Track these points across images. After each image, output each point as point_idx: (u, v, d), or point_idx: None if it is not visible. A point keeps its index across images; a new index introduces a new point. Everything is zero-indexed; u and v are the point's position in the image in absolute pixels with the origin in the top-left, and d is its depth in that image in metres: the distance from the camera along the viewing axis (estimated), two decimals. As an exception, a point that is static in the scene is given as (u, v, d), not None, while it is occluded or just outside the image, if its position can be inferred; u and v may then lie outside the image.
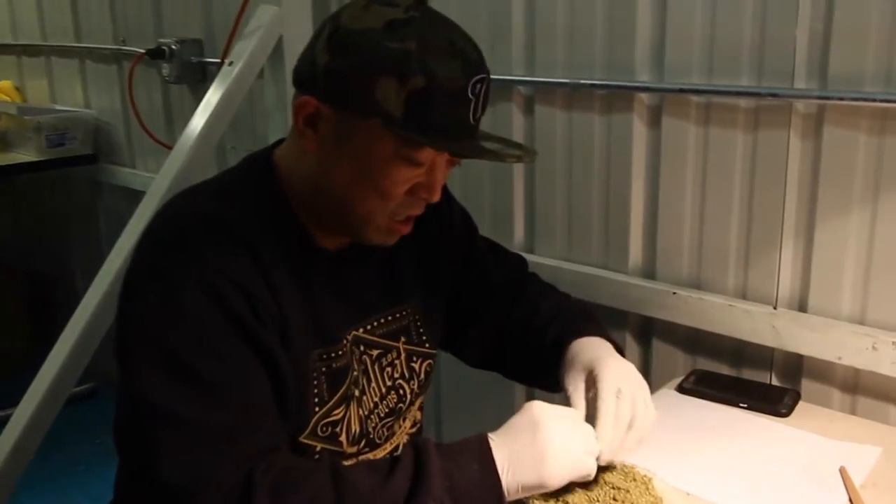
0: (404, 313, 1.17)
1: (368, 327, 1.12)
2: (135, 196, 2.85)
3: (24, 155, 2.87)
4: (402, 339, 1.16)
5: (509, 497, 0.93)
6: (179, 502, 0.88)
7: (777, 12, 1.34)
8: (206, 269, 0.93)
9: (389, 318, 1.15)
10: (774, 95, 1.34)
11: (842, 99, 1.28)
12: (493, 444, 0.94)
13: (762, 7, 1.35)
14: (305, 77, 1.00)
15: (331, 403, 1.05)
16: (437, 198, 1.02)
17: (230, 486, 0.87)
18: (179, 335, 0.92)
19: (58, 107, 3.04)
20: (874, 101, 1.26)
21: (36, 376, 1.87)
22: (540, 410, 0.97)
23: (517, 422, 0.97)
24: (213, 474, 0.87)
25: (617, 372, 1.03)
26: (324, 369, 1.04)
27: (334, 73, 0.96)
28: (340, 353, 1.07)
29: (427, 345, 1.20)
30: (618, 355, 1.09)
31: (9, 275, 3.50)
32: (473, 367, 1.33)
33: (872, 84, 1.27)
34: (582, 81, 1.58)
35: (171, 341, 0.91)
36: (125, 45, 2.67)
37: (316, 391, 1.03)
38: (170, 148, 2.40)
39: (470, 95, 0.96)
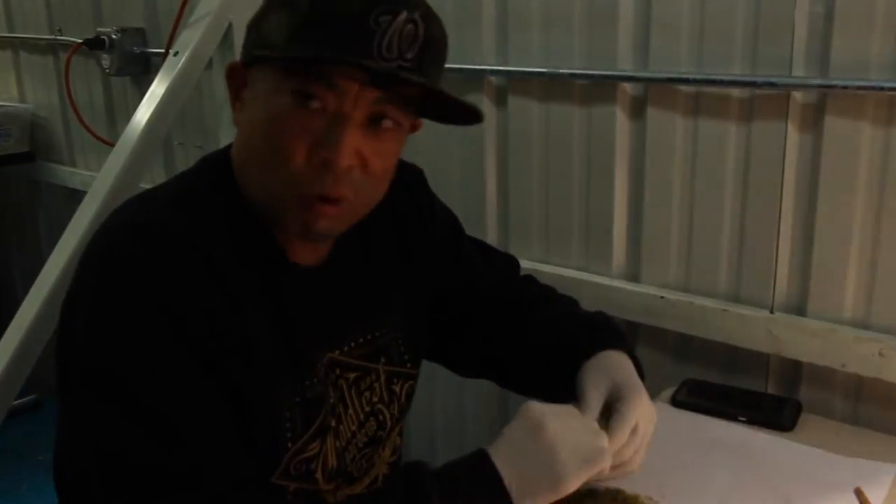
0: (384, 331, 1.05)
1: (346, 349, 1.00)
2: (75, 196, 2.70)
3: (-48, 154, 2.68)
4: (383, 359, 1.05)
5: None
6: None
7: (773, -6, 1.24)
8: (160, 289, 0.81)
9: (369, 337, 1.03)
10: (772, 84, 1.25)
11: (845, 87, 1.19)
12: (495, 460, 0.84)
13: (757, -11, 1.26)
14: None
15: (305, 437, 0.93)
16: (341, 159, 0.83)
17: None
18: (130, 365, 0.79)
19: (-10, 101, 2.86)
20: (880, 89, 1.17)
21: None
22: (537, 411, 0.88)
23: (515, 428, 0.88)
24: None
25: (640, 407, 0.96)
26: (297, 399, 0.92)
27: (247, 30, 0.90)
28: (316, 379, 0.94)
29: (409, 364, 1.09)
30: (642, 385, 1.00)
31: (-59, 281, 3.30)
32: (464, 376, 1.23)
33: (878, 71, 1.18)
34: (560, 71, 1.47)
35: (120, 372, 0.79)
36: (61, 35, 2.49)
37: (289, 424, 0.91)
38: (112, 145, 2.26)
39: (372, 25, 0.81)
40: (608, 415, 0.96)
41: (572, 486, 0.85)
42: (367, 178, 0.86)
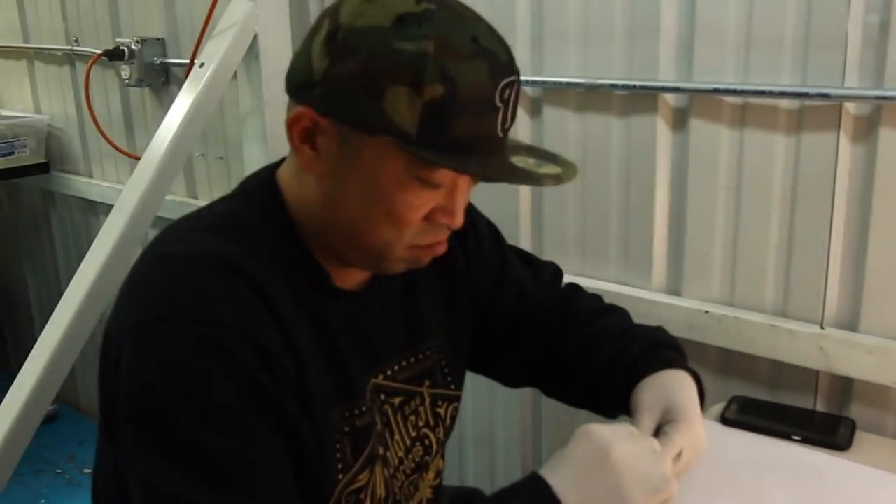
0: (428, 353, 1.03)
1: (389, 373, 0.97)
2: (91, 206, 2.69)
3: (-33, 165, 2.66)
4: (427, 382, 1.02)
5: None
6: None
7: (825, 4, 1.21)
8: (211, 324, 0.77)
9: (412, 359, 1.01)
10: (825, 96, 1.22)
11: (902, 98, 1.16)
12: (553, 483, 0.81)
13: (807, -2, 1.23)
14: (300, 85, 0.84)
15: (355, 468, 0.90)
16: (459, 223, 0.87)
17: None
18: (183, 406, 0.75)
19: (4, 112, 2.83)
20: (938, 100, 1.14)
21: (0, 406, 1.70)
22: (602, 435, 0.85)
23: (577, 452, 0.84)
24: None
25: (688, 434, 0.93)
26: (346, 429, 0.89)
27: (335, 81, 0.80)
28: (364, 408, 0.91)
29: (452, 386, 1.06)
30: (698, 407, 0.97)
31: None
32: (509, 387, 1.21)
33: (935, 82, 1.15)
34: (600, 81, 1.44)
35: (172, 411, 0.75)
36: (78, 46, 2.47)
37: (339, 455, 0.88)
38: (132, 156, 2.24)
39: (498, 103, 0.80)
40: (656, 435, 0.94)
41: None
42: None
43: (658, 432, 0.95)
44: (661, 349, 1.04)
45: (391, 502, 0.97)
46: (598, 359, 1.07)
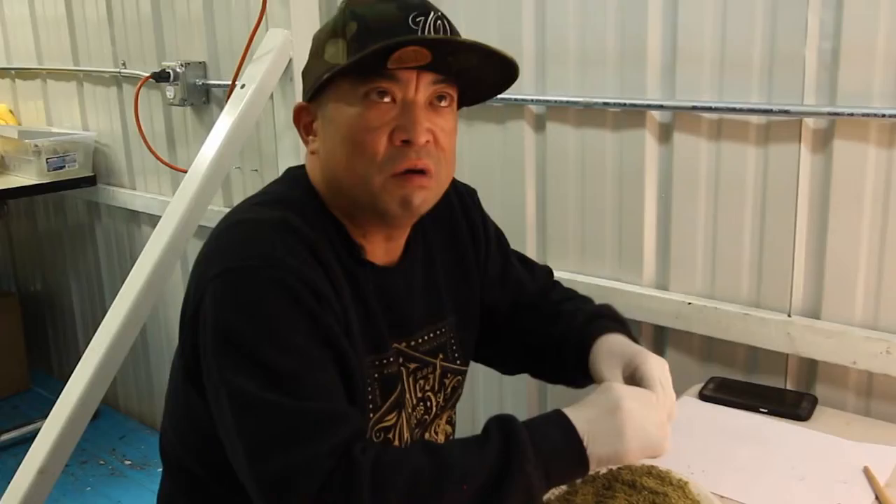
0: (444, 330, 1.20)
1: (412, 343, 1.15)
2: (133, 216, 2.88)
3: (23, 178, 2.87)
4: (440, 356, 1.20)
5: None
6: (281, 489, 0.87)
7: (786, 32, 1.39)
8: (278, 269, 0.95)
9: (431, 335, 1.18)
10: (786, 112, 1.40)
11: (851, 115, 1.34)
12: (571, 418, 0.96)
13: (771, 27, 1.41)
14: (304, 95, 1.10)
15: (383, 409, 1.08)
16: (419, 137, 1.00)
17: (330, 469, 0.87)
18: (261, 333, 0.93)
19: (55, 129, 3.05)
20: (882, 115, 1.31)
21: (55, 404, 1.86)
22: (619, 389, 1.00)
23: (595, 399, 0.99)
24: (313, 458, 0.87)
25: (655, 365, 1.08)
26: (376, 375, 1.07)
27: (305, 71, 1.09)
28: (391, 359, 1.10)
29: (459, 362, 1.23)
30: (642, 347, 1.14)
31: (5, 297, 3.49)
32: (506, 374, 1.39)
33: (880, 100, 1.32)
34: (595, 100, 1.63)
35: (251, 342, 0.92)
36: (125, 69, 2.69)
37: (370, 396, 1.06)
38: (178, 169, 2.44)
39: (411, 25, 0.99)
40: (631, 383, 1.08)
41: (629, 461, 0.98)
42: (440, 152, 1.04)
43: (633, 380, 1.09)
44: (598, 321, 1.20)
45: None
46: (558, 338, 1.23)
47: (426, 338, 1.18)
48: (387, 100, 1.01)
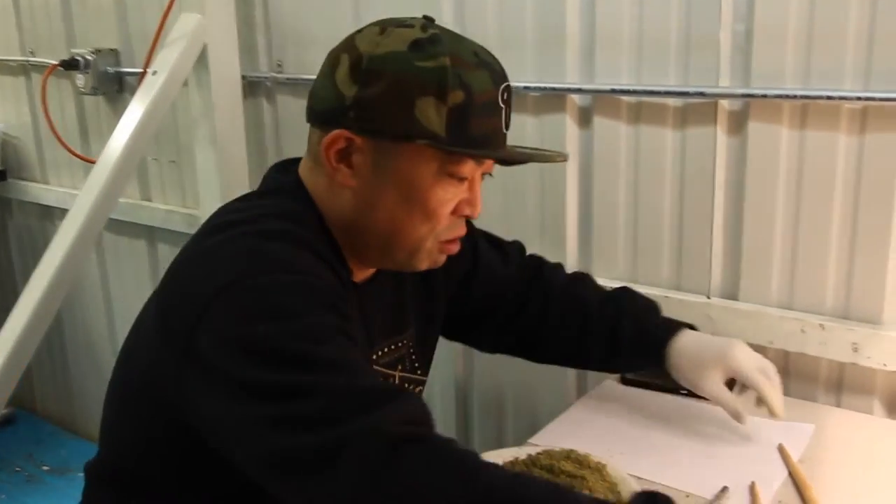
0: (403, 342, 1.19)
1: (375, 356, 1.13)
2: (47, 212, 2.77)
3: (-76, 174, 2.74)
4: (399, 367, 1.18)
5: None
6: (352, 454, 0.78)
7: (701, 14, 1.40)
8: (297, 273, 0.90)
9: (392, 347, 1.16)
10: (702, 94, 1.40)
11: (764, 96, 1.35)
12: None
13: (686, 9, 1.41)
14: (330, 113, 0.98)
15: None
16: (479, 211, 1.04)
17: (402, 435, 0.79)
18: (293, 330, 0.85)
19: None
20: (794, 97, 1.33)
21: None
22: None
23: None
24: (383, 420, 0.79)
25: (745, 356, 1.22)
26: None
27: (367, 102, 0.95)
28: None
29: (419, 372, 1.22)
30: (732, 343, 1.24)
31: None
32: (486, 352, 1.39)
33: (792, 80, 1.34)
34: (517, 84, 1.60)
35: (282, 339, 0.84)
36: (34, 57, 2.58)
37: None
38: (89, 161, 2.34)
39: (500, 104, 0.98)
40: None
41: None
42: None
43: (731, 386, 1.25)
44: (659, 318, 1.30)
45: None
46: (582, 324, 1.28)
47: (385, 350, 1.15)
48: (466, 180, 1.01)
